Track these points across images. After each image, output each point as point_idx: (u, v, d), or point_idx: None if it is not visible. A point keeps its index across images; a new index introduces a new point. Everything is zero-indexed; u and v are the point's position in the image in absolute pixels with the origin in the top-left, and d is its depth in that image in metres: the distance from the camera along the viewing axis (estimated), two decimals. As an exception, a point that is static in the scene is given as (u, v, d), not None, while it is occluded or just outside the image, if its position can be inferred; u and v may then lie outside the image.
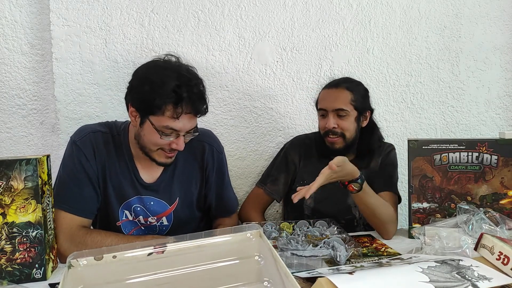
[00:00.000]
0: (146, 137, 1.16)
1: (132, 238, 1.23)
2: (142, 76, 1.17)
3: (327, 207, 1.50)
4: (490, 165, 1.29)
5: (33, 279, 1.03)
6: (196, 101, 1.13)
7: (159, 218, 1.30)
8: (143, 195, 1.27)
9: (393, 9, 1.91)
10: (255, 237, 0.85)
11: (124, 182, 1.25)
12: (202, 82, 1.19)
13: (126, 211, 1.29)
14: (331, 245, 1.11)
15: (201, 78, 1.20)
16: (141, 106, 1.14)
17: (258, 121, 1.82)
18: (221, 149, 1.40)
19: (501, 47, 2.04)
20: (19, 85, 1.67)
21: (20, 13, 1.64)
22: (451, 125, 2.05)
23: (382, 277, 0.82)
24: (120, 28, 1.66)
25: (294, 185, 1.54)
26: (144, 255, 0.80)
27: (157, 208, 1.29)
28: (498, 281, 0.83)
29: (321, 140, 1.49)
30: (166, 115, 1.11)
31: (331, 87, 1.49)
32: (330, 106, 1.43)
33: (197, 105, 1.14)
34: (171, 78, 1.11)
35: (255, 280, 0.83)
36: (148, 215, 1.29)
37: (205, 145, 1.34)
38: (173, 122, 1.12)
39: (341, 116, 1.43)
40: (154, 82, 1.11)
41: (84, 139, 1.23)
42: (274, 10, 1.79)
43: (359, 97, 1.46)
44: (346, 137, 1.44)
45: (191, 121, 1.16)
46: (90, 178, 1.22)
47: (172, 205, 1.30)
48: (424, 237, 1.09)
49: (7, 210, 1.01)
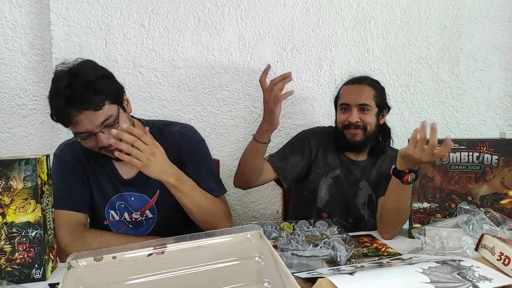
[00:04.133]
0: None
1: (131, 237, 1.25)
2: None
3: (338, 203, 1.53)
4: (491, 165, 1.29)
5: (33, 279, 1.03)
6: (75, 101, 1.08)
7: (142, 212, 1.32)
8: (123, 192, 1.30)
9: (393, 9, 1.91)
10: (255, 238, 0.85)
11: (104, 182, 1.29)
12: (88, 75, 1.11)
13: (111, 211, 1.32)
14: (332, 245, 1.11)
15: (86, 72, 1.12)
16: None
17: (258, 121, 1.81)
18: (197, 138, 1.36)
19: (501, 47, 2.04)
20: (19, 85, 1.67)
21: (20, 13, 1.64)
22: (451, 125, 2.05)
23: (383, 277, 0.82)
24: (120, 28, 1.66)
25: (310, 174, 1.55)
26: (144, 255, 0.80)
27: (138, 203, 1.31)
28: (499, 281, 0.83)
29: (339, 134, 1.51)
30: (65, 125, 1.14)
31: (354, 83, 1.52)
32: (354, 100, 1.46)
33: (77, 103, 1.08)
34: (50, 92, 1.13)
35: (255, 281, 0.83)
36: (131, 211, 1.32)
37: (176, 134, 1.32)
38: (74, 127, 1.12)
39: (363, 110, 1.46)
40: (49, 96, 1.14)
41: (63, 150, 1.30)
42: (274, 10, 1.79)
43: (380, 94, 1.50)
44: (367, 130, 1.46)
45: (92, 118, 1.10)
46: (77, 178, 1.27)
47: (152, 198, 1.32)
48: (425, 237, 1.08)
49: (6, 210, 1.01)
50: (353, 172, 1.52)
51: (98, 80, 1.12)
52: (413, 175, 1.19)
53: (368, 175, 1.52)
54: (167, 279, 0.80)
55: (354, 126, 1.45)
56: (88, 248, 1.14)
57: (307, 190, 1.56)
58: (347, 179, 1.52)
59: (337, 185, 1.53)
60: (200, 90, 1.75)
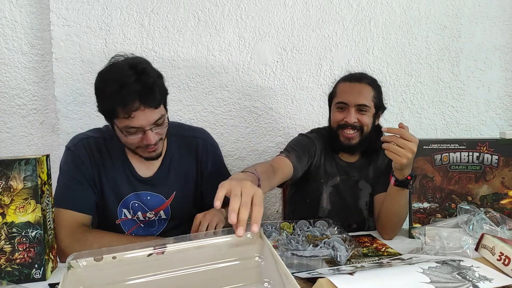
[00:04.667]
0: (120, 139, 1.20)
1: (132, 238, 1.24)
2: (94, 85, 1.20)
3: (341, 210, 1.49)
4: (491, 165, 1.29)
5: (33, 279, 1.03)
6: (144, 96, 1.11)
7: (157, 212, 1.32)
8: (139, 190, 1.29)
9: (393, 9, 1.91)
10: (256, 238, 0.84)
11: (120, 180, 1.28)
12: (152, 73, 1.16)
13: (124, 210, 1.30)
14: (332, 245, 1.11)
15: (150, 70, 1.17)
16: (102, 113, 1.19)
17: (258, 121, 1.82)
18: (216, 145, 1.42)
19: (501, 47, 2.04)
20: (19, 85, 1.66)
21: (20, 13, 1.64)
22: (451, 125, 2.05)
23: (383, 277, 0.82)
24: (120, 28, 1.66)
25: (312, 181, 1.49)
26: (144, 256, 0.80)
27: (154, 202, 1.30)
28: (499, 281, 0.83)
29: (334, 134, 1.45)
30: (120, 117, 1.12)
31: (353, 80, 1.45)
32: (353, 101, 1.39)
33: (145, 99, 1.11)
34: (112, 81, 1.12)
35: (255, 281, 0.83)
36: (146, 210, 1.31)
37: (199, 141, 1.36)
38: (129, 121, 1.13)
39: (362, 111, 1.40)
40: (99, 89, 1.16)
41: (77, 144, 1.27)
42: (274, 10, 1.79)
43: (378, 95, 1.45)
44: (363, 132, 1.41)
45: (149, 115, 1.14)
46: (87, 178, 1.26)
47: (168, 199, 1.32)
48: (425, 237, 1.08)
49: (6, 210, 1.01)
50: (352, 175, 1.49)
51: (160, 80, 1.18)
52: (414, 178, 1.23)
53: (366, 174, 1.50)
54: (167, 279, 0.80)
55: (351, 127, 1.40)
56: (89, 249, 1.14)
57: (310, 198, 1.52)
58: (347, 183, 1.49)
59: (337, 192, 1.50)
60: (200, 90, 1.75)
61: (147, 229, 1.34)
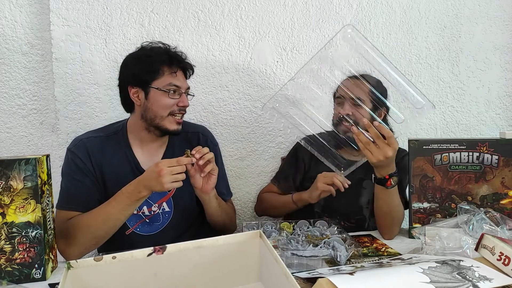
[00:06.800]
0: (154, 105, 1.26)
1: (104, 206, 1.20)
2: (130, 58, 1.31)
3: (339, 205, 1.50)
4: (491, 165, 1.29)
5: (33, 279, 1.03)
6: (183, 62, 1.31)
7: (160, 204, 1.35)
8: None
9: (393, 9, 1.91)
10: (255, 237, 0.84)
11: (124, 174, 1.29)
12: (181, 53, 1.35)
13: None
14: (331, 245, 1.11)
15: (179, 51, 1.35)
16: (141, 79, 1.26)
17: (258, 121, 1.82)
18: (216, 142, 1.50)
19: (501, 47, 2.04)
20: (19, 85, 1.66)
21: (20, 13, 1.64)
22: (451, 125, 2.04)
23: (383, 277, 0.82)
24: (120, 28, 1.66)
25: (304, 182, 1.56)
26: (144, 255, 0.80)
27: (156, 194, 1.32)
28: (499, 281, 0.83)
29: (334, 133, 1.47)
30: (165, 75, 1.26)
31: (351, 77, 1.51)
32: (348, 93, 1.44)
33: (185, 64, 1.32)
34: (155, 48, 1.30)
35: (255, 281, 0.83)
36: (150, 203, 1.33)
37: (200, 135, 1.45)
38: (173, 79, 1.27)
39: (356, 105, 1.43)
40: (144, 55, 1.28)
41: (78, 145, 1.31)
42: (274, 10, 1.79)
43: (377, 92, 1.46)
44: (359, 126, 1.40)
45: (185, 80, 1.33)
46: (88, 177, 1.28)
47: (171, 191, 1.34)
48: (425, 237, 1.08)
49: (6, 210, 1.01)
50: (357, 173, 1.50)
51: None
52: (394, 178, 1.27)
53: (371, 173, 1.49)
54: (167, 279, 0.80)
55: (345, 120, 1.42)
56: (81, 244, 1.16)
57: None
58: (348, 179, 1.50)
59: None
60: (200, 90, 1.75)
61: (152, 224, 1.35)
